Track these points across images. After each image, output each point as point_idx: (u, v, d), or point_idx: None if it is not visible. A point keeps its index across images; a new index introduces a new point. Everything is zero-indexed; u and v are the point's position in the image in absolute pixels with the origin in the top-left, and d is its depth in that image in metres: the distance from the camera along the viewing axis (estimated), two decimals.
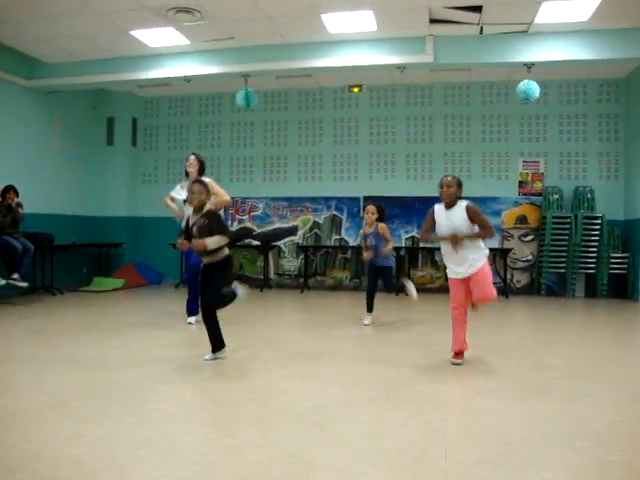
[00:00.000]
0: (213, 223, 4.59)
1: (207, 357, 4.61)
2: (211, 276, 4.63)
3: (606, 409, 3.52)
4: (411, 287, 6.76)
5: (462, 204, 4.69)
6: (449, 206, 4.72)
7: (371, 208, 6.74)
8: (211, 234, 4.51)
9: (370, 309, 6.81)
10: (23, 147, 9.67)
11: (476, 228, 4.62)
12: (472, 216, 4.60)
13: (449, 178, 4.80)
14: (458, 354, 4.71)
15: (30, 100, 9.86)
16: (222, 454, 2.75)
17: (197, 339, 4.38)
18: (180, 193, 6.58)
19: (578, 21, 7.78)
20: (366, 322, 6.73)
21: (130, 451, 2.76)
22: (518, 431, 3.10)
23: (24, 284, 8.15)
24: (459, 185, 4.78)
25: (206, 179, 6.26)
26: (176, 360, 4.59)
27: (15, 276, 7.97)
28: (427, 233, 4.88)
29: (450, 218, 4.65)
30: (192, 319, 6.43)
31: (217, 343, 4.64)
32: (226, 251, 4.68)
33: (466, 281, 4.64)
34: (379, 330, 6.43)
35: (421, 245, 10.69)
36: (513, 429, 3.14)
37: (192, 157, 6.65)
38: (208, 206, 4.78)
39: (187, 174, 6.60)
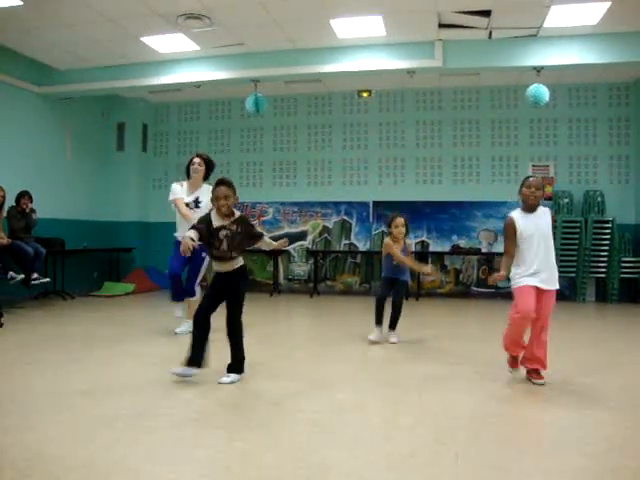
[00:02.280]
0: (249, 229, 4.25)
1: (225, 379, 4.13)
2: (233, 287, 4.22)
3: (619, 414, 3.50)
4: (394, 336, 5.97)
5: (545, 208, 4.32)
6: (532, 210, 4.28)
7: (401, 221, 5.89)
8: (243, 242, 4.20)
9: (380, 320, 5.96)
10: (35, 153, 9.74)
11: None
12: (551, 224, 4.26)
13: (539, 179, 4.37)
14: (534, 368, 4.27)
15: (42, 107, 9.94)
16: (234, 458, 2.76)
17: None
18: (181, 193, 6.07)
19: (587, 25, 7.76)
20: (372, 338, 5.86)
21: (142, 454, 2.78)
22: (530, 436, 3.10)
23: (46, 279, 8.34)
24: (543, 188, 4.40)
25: (209, 187, 6.12)
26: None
27: (35, 276, 8.08)
28: (510, 252, 4.27)
29: (537, 223, 4.21)
30: (179, 311, 6.16)
31: (241, 361, 4.25)
32: (242, 260, 4.31)
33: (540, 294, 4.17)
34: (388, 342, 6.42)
35: (431, 249, 10.69)
36: (525, 434, 3.13)
37: (197, 159, 6.15)
38: (237, 212, 4.26)
39: (189, 175, 6.16)
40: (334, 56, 8.75)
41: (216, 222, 4.17)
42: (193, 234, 4.09)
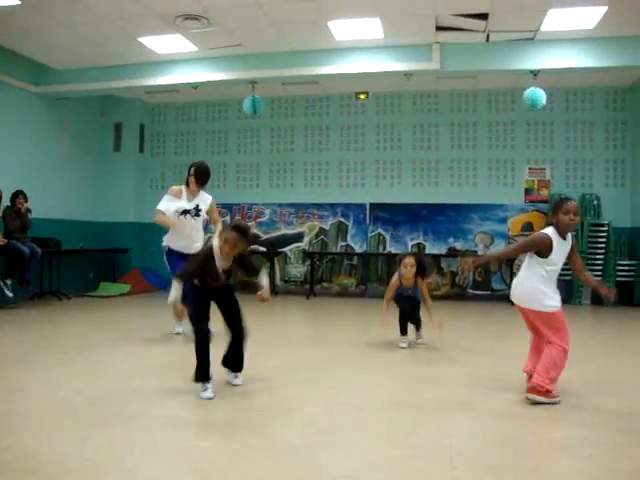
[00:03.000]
0: (249, 266, 4.19)
1: (238, 381, 4.15)
2: (227, 297, 4.18)
3: (614, 417, 3.51)
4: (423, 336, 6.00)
5: (569, 236, 3.97)
6: (565, 236, 3.92)
7: (409, 261, 5.66)
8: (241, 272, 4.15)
9: (405, 331, 5.82)
10: (32, 153, 9.73)
11: None
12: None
13: (576, 203, 3.95)
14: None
15: (39, 106, 9.93)
16: (230, 459, 2.76)
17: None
18: (177, 203, 5.89)
19: (584, 29, 7.80)
20: (403, 345, 5.76)
21: (138, 456, 2.77)
22: (526, 438, 3.10)
23: (10, 294, 8.02)
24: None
25: (208, 197, 6.09)
26: (184, 366, 4.59)
27: (8, 282, 8.00)
28: (515, 255, 4.15)
29: (564, 249, 3.93)
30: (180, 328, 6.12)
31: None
32: None
33: None
34: (387, 339, 6.42)
35: (427, 252, 10.70)
36: (521, 435, 3.14)
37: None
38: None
39: (188, 184, 5.99)
40: (331, 58, 8.77)
41: (219, 262, 3.96)
42: (177, 288, 3.92)
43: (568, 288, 10.21)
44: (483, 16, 7.62)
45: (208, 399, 3.79)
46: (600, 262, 9.82)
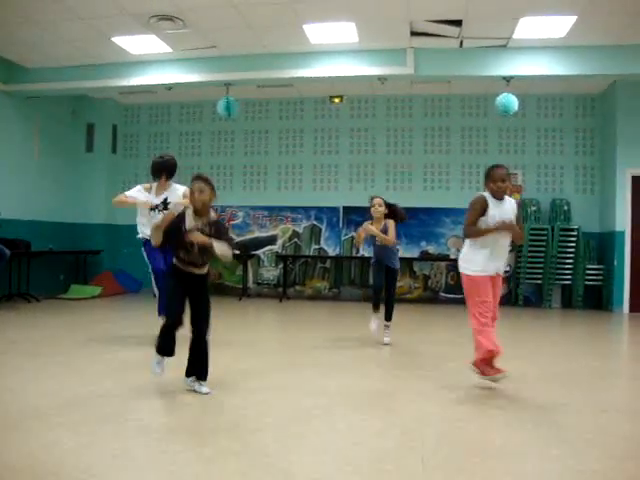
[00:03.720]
0: (221, 235, 3.92)
1: (204, 389, 3.97)
2: (201, 293, 3.99)
3: (581, 418, 3.56)
4: (387, 335, 6.15)
5: (510, 199, 4.32)
6: (500, 198, 4.26)
7: (378, 200, 6.14)
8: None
9: (377, 306, 6.08)
10: (1, 152, 9.55)
11: None
12: (517, 213, 4.29)
13: (502, 170, 4.23)
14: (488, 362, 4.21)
15: (9, 105, 9.77)
16: (201, 464, 2.74)
17: (179, 352, 4.32)
18: (148, 195, 6.00)
19: (555, 37, 7.94)
20: (373, 326, 6.06)
21: (108, 461, 2.74)
22: (495, 440, 3.14)
23: None
24: (509, 177, 4.31)
25: (180, 187, 6.09)
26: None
27: None
28: (474, 225, 4.19)
29: (502, 210, 4.19)
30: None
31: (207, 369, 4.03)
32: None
33: (493, 280, 4.26)
34: (358, 340, 6.45)
35: (400, 256, 10.72)
36: (490, 438, 3.17)
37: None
38: (213, 216, 4.01)
39: (154, 177, 6.07)
40: (306, 61, 8.78)
41: (189, 223, 3.87)
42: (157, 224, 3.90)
43: (538, 291, 10.37)
44: (457, 22, 7.71)
45: (155, 374, 3.96)
46: (570, 266, 9.98)
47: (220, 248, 3.80)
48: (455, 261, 10.51)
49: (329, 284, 11.26)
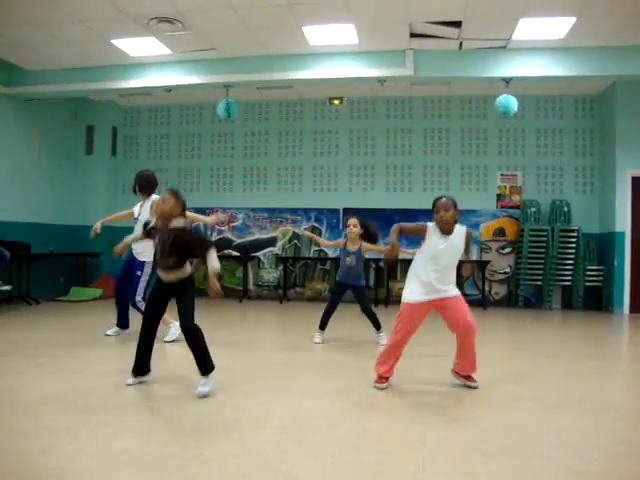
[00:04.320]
0: (185, 239, 4.02)
1: (203, 390, 3.94)
2: (181, 296, 4.08)
3: (582, 420, 3.56)
4: (383, 337, 6.15)
5: (461, 230, 4.11)
6: (447, 233, 4.07)
7: (353, 221, 6.16)
8: (180, 252, 3.99)
9: (323, 326, 6.30)
10: (1, 155, 9.56)
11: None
12: (467, 242, 4.14)
13: (444, 199, 4.08)
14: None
15: (8, 107, 9.77)
16: (200, 466, 2.73)
17: (178, 354, 4.34)
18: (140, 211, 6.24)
19: (555, 38, 7.94)
20: (317, 340, 6.25)
21: (107, 463, 2.73)
22: (495, 441, 3.13)
23: (7, 287, 8.36)
24: (456, 206, 4.07)
25: (154, 197, 6.14)
26: (154, 371, 4.55)
27: None
28: (397, 234, 4.20)
29: (449, 243, 4.07)
30: (112, 331, 6.42)
31: (210, 364, 4.05)
32: (188, 269, 4.14)
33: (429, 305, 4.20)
34: (358, 341, 6.44)
35: (400, 257, 10.73)
36: (490, 440, 3.16)
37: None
38: (181, 222, 4.07)
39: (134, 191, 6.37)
40: (306, 63, 8.79)
41: (156, 222, 4.12)
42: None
43: (538, 292, 10.37)
44: (456, 24, 7.71)
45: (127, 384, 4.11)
46: (570, 267, 9.98)
47: (213, 260, 3.98)
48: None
49: (329, 286, 11.25)
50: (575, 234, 10.01)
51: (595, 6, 7.00)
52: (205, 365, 4.02)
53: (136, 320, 5.28)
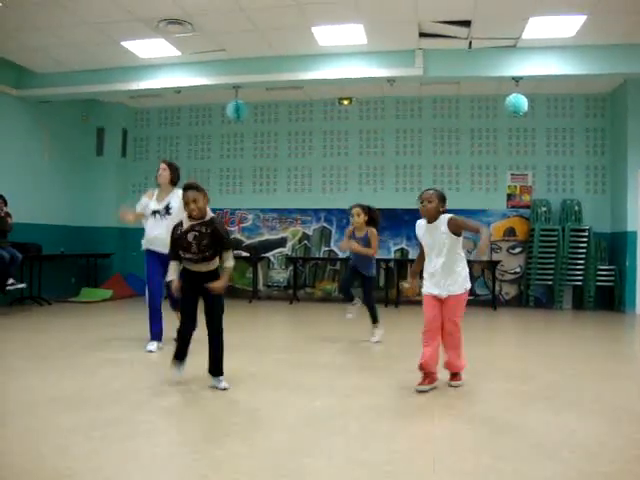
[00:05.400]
0: (220, 232, 4.05)
1: (222, 385, 4.12)
2: (211, 296, 4.08)
3: (594, 421, 3.54)
4: (378, 333, 6.35)
5: (445, 218, 4.31)
6: (431, 222, 4.35)
7: (356, 210, 6.22)
8: (212, 245, 4.01)
9: (350, 298, 6.44)
10: (12, 157, 9.63)
11: (459, 246, 4.32)
12: (456, 228, 4.27)
13: (430, 191, 4.38)
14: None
15: (20, 110, 9.84)
16: (211, 466, 2.74)
17: (189, 351, 4.36)
18: (149, 204, 5.93)
19: (565, 37, 7.90)
20: (350, 315, 6.43)
21: (119, 463, 2.75)
22: (506, 442, 3.12)
23: (22, 285, 8.32)
24: (440, 199, 4.34)
25: (178, 190, 6.05)
26: (165, 372, 4.56)
27: (10, 281, 8.01)
28: (417, 265, 4.65)
29: (434, 234, 4.31)
30: (153, 346, 5.68)
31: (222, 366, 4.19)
32: (218, 262, 4.14)
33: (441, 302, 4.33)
34: (369, 342, 6.43)
35: (410, 257, 10.73)
36: (501, 441, 3.15)
37: (162, 164, 5.92)
38: (210, 214, 4.14)
39: (158, 184, 5.96)
40: (315, 63, 8.79)
41: (185, 222, 4.11)
42: (174, 267, 4.22)
43: (549, 292, 10.32)
44: (466, 23, 7.68)
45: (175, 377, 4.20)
46: (581, 267, 9.93)
47: (229, 267, 4.11)
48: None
49: (339, 286, 11.23)
50: (586, 234, 9.95)
51: (605, 4, 6.95)
52: (219, 367, 4.16)
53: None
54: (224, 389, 4.08)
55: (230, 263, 4.11)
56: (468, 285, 4.35)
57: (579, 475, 2.68)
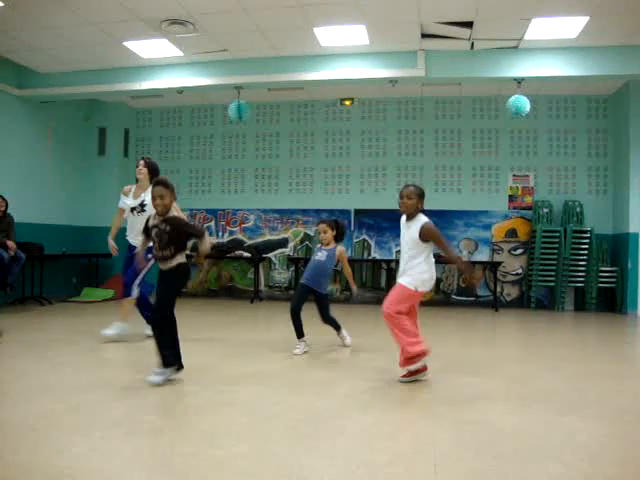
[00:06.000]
0: (179, 225, 4.20)
1: (153, 379, 4.14)
2: (162, 283, 4.26)
3: (596, 422, 3.53)
4: (347, 335, 6.16)
5: (421, 220, 4.42)
6: (409, 217, 4.51)
7: (322, 227, 5.85)
8: (171, 243, 4.14)
9: (300, 334, 5.75)
10: (14, 156, 9.64)
11: (423, 246, 4.39)
12: (427, 237, 4.36)
13: (410, 188, 4.50)
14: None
15: (22, 110, 9.85)
16: (212, 466, 2.73)
17: (191, 351, 4.37)
18: (126, 201, 6.13)
19: (567, 38, 7.89)
20: (297, 351, 5.64)
21: (120, 463, 2.74)
22: (508, 444, 3.11)
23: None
24: (420, 196, 4.48)
25: None
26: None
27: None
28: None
29: (407, 230, 4.48)
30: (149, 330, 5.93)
31: (167, 361, 4.21)
32: (179, 259, 4.21)
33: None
34: (367, 340, 6.43)
35: None
36: (503, 442, 3.15)
37: (141, 162, 6.08)
38: (174, 213, 4.28)
39: (137, 180, 6.10)
40: (317, 64, 8.79)
41: (151, 221, 4.28)
42: (140, 242, 4.48)
43: (550, 294, 10.31)
44: (468, 24, 7.68)
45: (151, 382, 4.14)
46: (583, 268, 9.92)
47: (204, 247, 4.20)
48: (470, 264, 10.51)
49: (341, 287, 11.24)
50: (588, 235, 9.94)
51: (608, 5, 6.94)
52: (162, 360, 4.19)
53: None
54: (152, 384, 4.10)
55: (204, 245, 4.21)
56: (420, 286, 4.40)
57: (583, 477, 2.67)
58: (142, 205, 6.00)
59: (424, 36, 8.08)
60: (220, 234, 11.71)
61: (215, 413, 3.62)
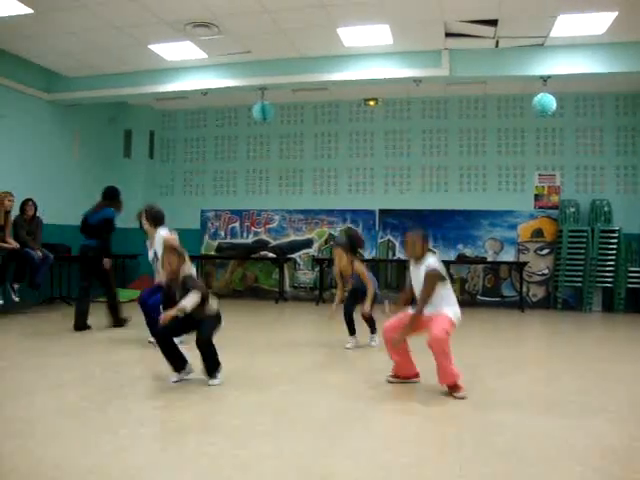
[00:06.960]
0: (183, 285, 4.31)
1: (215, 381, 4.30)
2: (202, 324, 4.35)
3: (623, 426, 3.47)
4: (375, 336, 6.28)
5: (428, 264, 4.35)
6: (417, 260, 4.46)
7: (337, 252, 6.09)
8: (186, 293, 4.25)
9: (352, 328, 6.30)
10: (43, 159, 9.79)
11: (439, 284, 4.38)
12: (425, 279, 4.32)
13: (414, 235, 4.52)
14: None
15: (50, 113, 10.00)
16: (236, 467, 2.75)
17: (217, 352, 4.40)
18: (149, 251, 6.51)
19: (594, 34, 7.76)
20: (348, 345, 6.14)
21: (145, 462, 2.77)
22: (533, 446, 3.08)
23: (16, 299, 8.03)
24: (424, 239, 4.49)
25: (163, 232, 6.05)
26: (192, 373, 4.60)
27: (16, 287, 8.01)
28: (404, 296, 4.70)
29: (417, 271, 4.43)
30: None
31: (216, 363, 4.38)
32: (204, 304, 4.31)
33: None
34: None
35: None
36: (528, 444, 3.11)
37: (142, 214, 6.46)
38: (186, 272, 4.40)
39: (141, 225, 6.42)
40: (341, 64, 8.78)
41: (162, 276, 4.63)
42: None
43: (578, 294, 10.16)
44: (492, 22, 7.61)
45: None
46: (611, 268, 9.76)
47: (188, 302, 4.15)
48: (492, 263, 10.42)
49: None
50: (616, 234, 9.78)
51: (637, 0, 6.82)
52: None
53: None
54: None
55: (190, 300, 4.18)
56: (450, 314, 4.30)
57: None
58: (156, 254, 6.14)
59: (448, 35, 8.02)
60: (245, 235, 11.76)
61: (240, 413, 3.64)
